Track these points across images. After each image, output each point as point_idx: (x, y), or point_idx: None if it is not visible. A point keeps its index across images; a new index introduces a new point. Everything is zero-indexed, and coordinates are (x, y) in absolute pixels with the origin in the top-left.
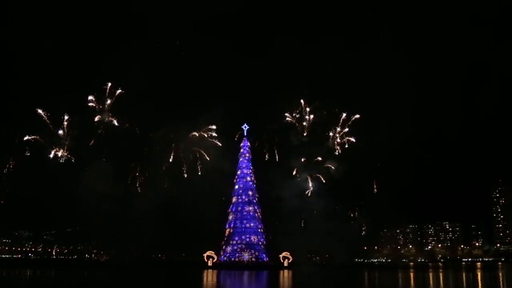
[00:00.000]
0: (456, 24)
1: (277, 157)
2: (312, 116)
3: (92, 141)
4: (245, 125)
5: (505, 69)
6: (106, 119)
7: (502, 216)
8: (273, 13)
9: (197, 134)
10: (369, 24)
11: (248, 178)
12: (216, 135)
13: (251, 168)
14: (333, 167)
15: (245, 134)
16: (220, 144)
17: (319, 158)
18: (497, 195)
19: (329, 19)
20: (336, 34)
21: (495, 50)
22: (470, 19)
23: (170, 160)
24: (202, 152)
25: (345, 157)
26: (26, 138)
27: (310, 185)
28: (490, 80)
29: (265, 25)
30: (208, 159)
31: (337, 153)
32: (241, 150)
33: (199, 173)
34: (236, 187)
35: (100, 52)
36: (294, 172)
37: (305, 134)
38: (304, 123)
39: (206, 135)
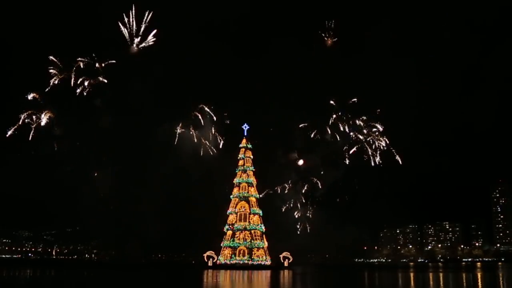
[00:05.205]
0: (453, 29)
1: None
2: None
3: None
4: (245, 125)
5: (504, 70)
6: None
7: (502, 216)
8: (272, 15)
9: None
10: (367, 24)
11: (249, 178)
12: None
13: (251, 168)
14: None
15: (245, 134)
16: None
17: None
18: (497, 195)
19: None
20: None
21: (492, 52)
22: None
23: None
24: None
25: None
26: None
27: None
28: (488, 82)
29: (264, 27)
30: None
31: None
32: (241, 150)
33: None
34: (236, 187)
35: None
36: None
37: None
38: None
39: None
